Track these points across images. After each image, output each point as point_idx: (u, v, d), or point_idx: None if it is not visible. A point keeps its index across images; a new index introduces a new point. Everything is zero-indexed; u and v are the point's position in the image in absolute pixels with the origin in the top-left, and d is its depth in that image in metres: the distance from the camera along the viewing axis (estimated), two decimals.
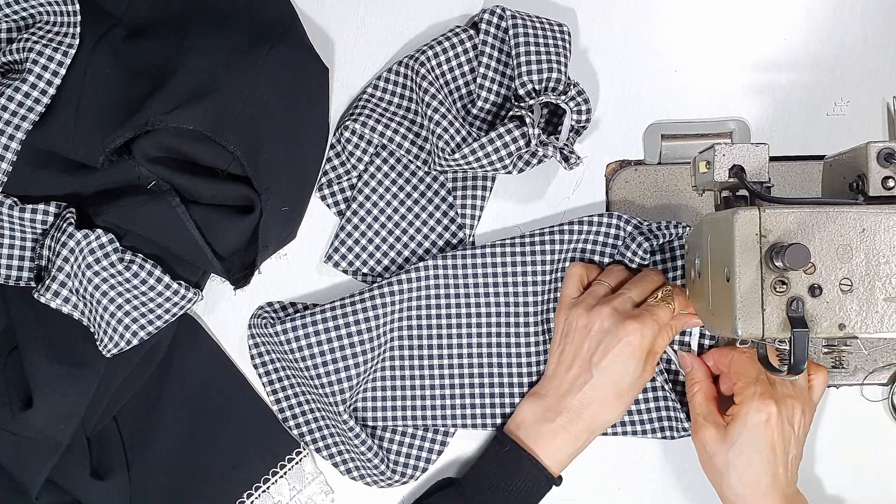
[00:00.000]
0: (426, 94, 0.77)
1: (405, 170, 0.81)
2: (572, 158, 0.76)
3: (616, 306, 0.72)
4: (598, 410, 0.73)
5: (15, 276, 0.76)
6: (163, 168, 0.75)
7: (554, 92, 0.76)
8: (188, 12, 0.77)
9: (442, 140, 0.75)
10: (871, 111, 0.81)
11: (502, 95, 0.79)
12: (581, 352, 0.73)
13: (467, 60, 0.79)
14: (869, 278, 0.60)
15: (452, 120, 0.76)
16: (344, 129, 0.79)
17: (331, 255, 0.81)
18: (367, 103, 0.81)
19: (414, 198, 0.81)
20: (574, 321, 0.74)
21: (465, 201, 0.81)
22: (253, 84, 0.75)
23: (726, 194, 0.66)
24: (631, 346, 0.71)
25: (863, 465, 0.80)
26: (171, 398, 0.81)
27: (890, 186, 0.62)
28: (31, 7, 0.75)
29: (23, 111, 0.72)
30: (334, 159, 0.81)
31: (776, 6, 0.82)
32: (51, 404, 0.73)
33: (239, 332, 0.82)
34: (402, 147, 0.79)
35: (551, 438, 0.74)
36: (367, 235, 0.81)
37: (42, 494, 0.76)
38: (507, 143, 0.74)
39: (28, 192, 0.75)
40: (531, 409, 0.75)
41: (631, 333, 0.71)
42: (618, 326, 0.71)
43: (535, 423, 0.75)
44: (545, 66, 0.75)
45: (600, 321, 0.72)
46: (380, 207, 0.81)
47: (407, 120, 0.80)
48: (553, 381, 0.75)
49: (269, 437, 0.81)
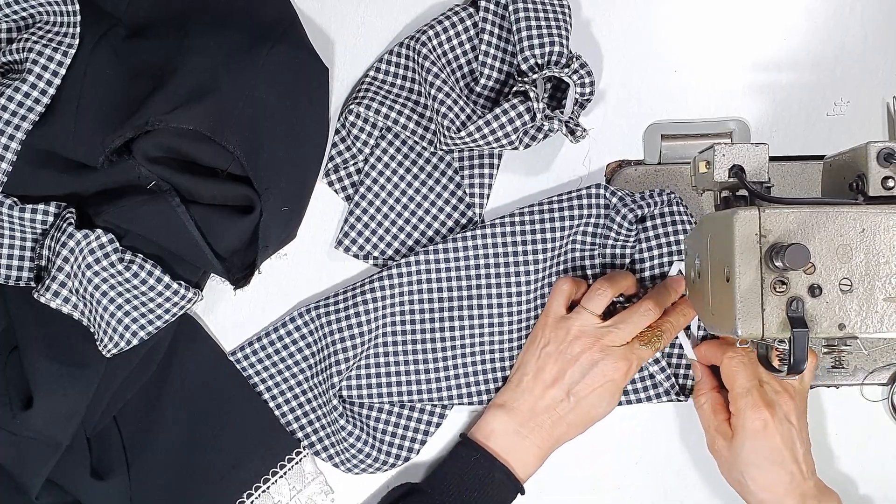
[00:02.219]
0: (429, 74, 0.76)
1: (411, 151, 0.81)
2: (578, 131, 0.76)
3: (607, 343, 0.73)
4: (566, 431, 0.75)
5: (15, 276, 0.76)
6: (163, 168, 0.75)
7: (557, 65, 0.75)
8: (188, 12, 0.77)
9: (447, 119, 0.75)
10: (871, 111, 0.81)
11: (505, 72, 0.79)
12: (563, 377, 0.74)
13: (468, 39, 0.79)
14: (869, 278, 0.60)
15: (457, 98, 0.75)
16: (348, 114, 0.79)
17: (341, 241, 0.81)
18: (369, 86, 0.81)
19: (421, 179, 0.81)
20: (561, 344, 0.75)
21: (473, 180, 0.81)
22: (253, 84, 0.75)
23: (726, 194, 0.66)
24: (614, 384, 0.74)
25: (863, 465, 0.80)
26: (171, 398, 0.81)
27: (890, 186, 0.61)
28: (31, 7, 0.75)
29: (23, 111, 0.72)
30: (339, 144, 0.81)
31: (776, 6, 0.82)
32: (51, 404, 0.73)
33: (239, 332, 0.82)
34: (407, 128, 0.79)
35: (523, 452, 0.75)
36: (377, 219, 0.81)
37: (42, 494, 0.76)
38: (512, 118, 0.74)
39: (28, 192, 0.75)
40: (502, 421, 0.75)
41: (616, 372, 0.73)
42: (605, 363, 0.73)
43: (507, 435, 0.75)
44: (546, 40, 0.75)
45: (590, 354, 0.73)
46: (388, 190, 0.81)
47: (411, 101, 0.80)
48: (526, 396, 0.75)
49: (269, 437, 0.81)
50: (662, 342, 0.75)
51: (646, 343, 0.74)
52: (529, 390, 0.75)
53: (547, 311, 0.77)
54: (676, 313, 0.76)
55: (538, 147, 0.76)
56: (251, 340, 0.81)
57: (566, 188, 0.81)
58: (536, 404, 0.75)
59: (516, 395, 0.76)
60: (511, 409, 0.76)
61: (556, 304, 0.77)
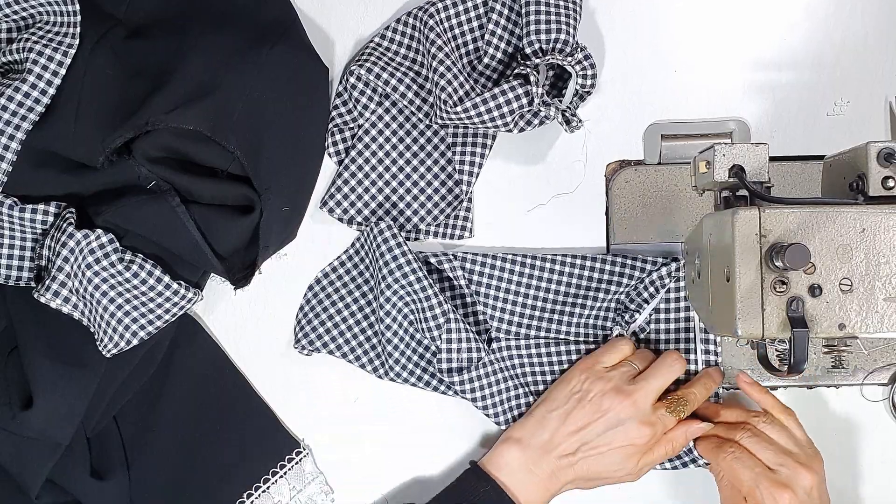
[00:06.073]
0: (433, 46, 0.76)
1: (407, 121, 0.81)
2: (574, 121, 0.76)
3: (637, 401, 0.73)
4: (574, 480, 0.75)
5: (15, 276, 0.76)
6: (163, 168, 0.75)
7: (561, 53, 0.75)
8: (188, 12, 0.77)
9: (445, 92, 0.75)
10: (872, 111, 0.81)
11: (509, 54, 0.79)
12: (587, 428, 0.74)
13: (476, 17, 0.79)
14: (869, 278, 0.60)
15: (457, 73, 0.76)
16: (349, 75, 0.79)
17: (325, 201, 0.81)
18: (373, 51, 0.81)
19: (413, 150, 0.81)
20: (596, 396, 0.74)
21: (465, 157, 0.80)
22: (253, 84, 0.75)
23: (726, 194, 0.66)
24: (634, 447, 0.73)
25: (863, 465, 0.80)
26: (171, 398, 0.81)
27: (890, 186, 0.62)
28: (31, 7, 0.75)
29: (23, 111, 0.72)
30: (341, 107, 0.81)
31: (776, 6, 0.82)
32: (51, 404, 0.73)
33: (239, 332, 0.82)
34: (406, 97, 0.79)
35: (531, 489, 0.74)
36: (364, 184, 0.80)
37: (42, 494, 0.76)
38: (509, 99, 0.74)
39: (28, 192, 0.75)
40: (516, 457, 0.75)
41: (639, 437, 0.73)
42: (630, 424, 0.73)
43: (520, 471, 0.75)
44: (554, 27, 0.75)
45: (618, 412, 0.73)
46: (378, 157, 0.80)
47: (412, 71, 0.80)
48: (544, 435, 0.75)
49: (269, 437, 0.81)
50: (686, 410, 0.75)
51: (671, 410, 0.74)
52: (550, 430, 0.75)
53: (594, 360, 0.77)
54: (699, 384, 0.76)
55: (534, 137, 0.76)
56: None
57: (561, 179, 0.81)
58: (553, 446, 0.74)
59: (535, 431, 0.75)
60: (527, 445, 0.75)
61: (607, 358, 0.76)
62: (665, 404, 0.74)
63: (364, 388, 0.82)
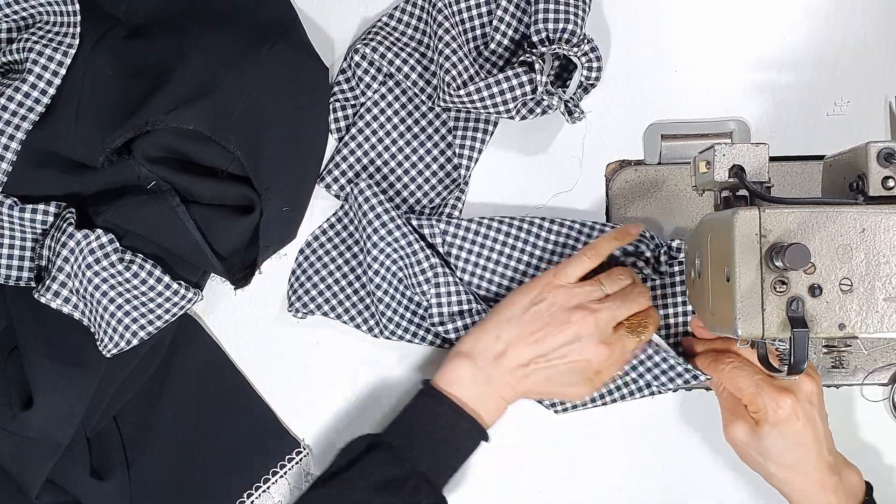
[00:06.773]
0: (440, 28, 0.77)
1: (409, 102, 0.81)
2: (576, 112, 0.76)
3: (600, 320, 0.71)
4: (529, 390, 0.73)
5: (15, 276, 0.76)
6: (163, 168, 0.75)
7: (567, 44, 0.75)
8: (188, 12, 0.77)
9: (449, 75, 0.75)
10: (872, 111, 0.81)
11: (516, 42, 0.80)
12: (543, 341, 0.71)
13: (485, 2, 0.79)
14: (869, 278, 0.60)
15: (462, 57, 0.76)
16: (354, 53, 0.79)
17: (323, 177, 0.81)
18: (380, 30, 0.81)
19: (414, 131, 0.81)
20: (559, 309, 0.72)
21: (465, 141, 0.80)
22: (253, 84, 0.75)
23: (726, 194, 0.66)
24: (589, 364, 0.71)
25: (863, 465, 0.80)
26: (171, 398, 0.81)
27: (890, 186, 0.62)
28: (31, 7, 0.75)
29: (23, 111, 0.72)
30: (343, 83, 0.81)
31: (776, 6, 0.82)
32: (51, 404, 0.73)
33: (239, 332, 0.82)
34: (409, 78, 0.79)
35: (488, 401, 0.72)
36: (363, 162, 0.80)
37: (42, 494, 0.76)
38: (513, 86, 0.74)
39: (28, 192, 0.75)
40: (467, 370, 0.72)
41: (595, 356, 0.71)
42: (588, 342, 0.71)
43: (473, 384, 0.72)
44: (562, 17, 0.75)
45: (578, 328, 0.71)
46: (378, 136, 0.80)
47: (418, 52, 0.80)
48: (498, 346, 0.72)
49: (269, 437, 0.81)
50: (648, 334, 0.73)
51: (632, 331, 0.73)
52: (504, 340, 0.72)
53: (557, 273, 0.74)
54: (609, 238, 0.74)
55: (536, 127, 0.76)
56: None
57: (563, 171, 0.81)
58: (505, 356, 0.72)
59: (487, 342, 0.72)
60: (477, 357, 0.72)
61: (571, 270, 0.73)
62: (625, 326, 0.73)
63: (364, 388, 0.82)
